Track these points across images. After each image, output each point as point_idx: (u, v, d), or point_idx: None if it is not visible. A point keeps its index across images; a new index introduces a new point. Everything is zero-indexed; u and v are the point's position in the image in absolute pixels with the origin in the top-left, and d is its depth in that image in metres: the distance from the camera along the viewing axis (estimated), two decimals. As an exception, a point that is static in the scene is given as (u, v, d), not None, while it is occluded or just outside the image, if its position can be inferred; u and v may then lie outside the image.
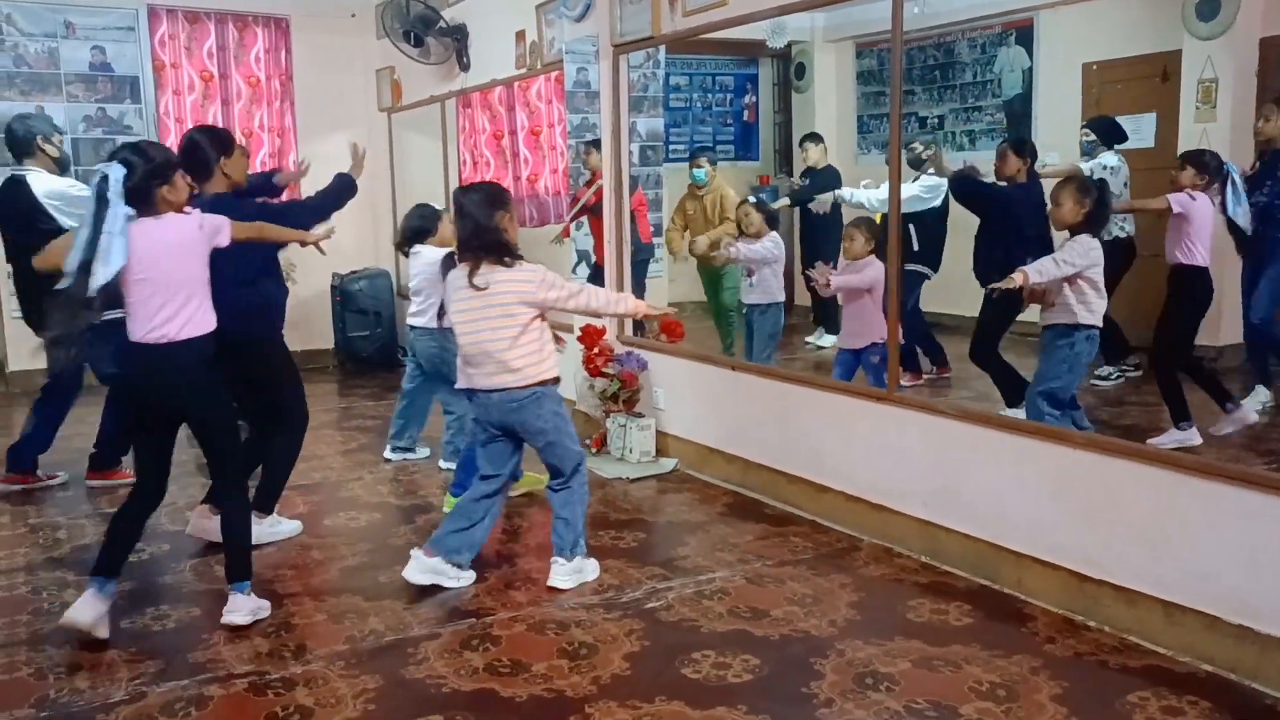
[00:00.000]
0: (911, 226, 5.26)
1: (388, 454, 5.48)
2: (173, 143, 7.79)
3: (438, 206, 5.25)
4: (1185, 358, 4.49)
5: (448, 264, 3.62)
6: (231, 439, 3.53)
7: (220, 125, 7.83)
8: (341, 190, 4.45)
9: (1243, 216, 4.41)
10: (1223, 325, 5.07)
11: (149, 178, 3.23)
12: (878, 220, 5.11)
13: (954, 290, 5.59)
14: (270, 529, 4.23)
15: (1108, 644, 3.15)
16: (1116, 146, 5.74)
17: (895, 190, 4.06)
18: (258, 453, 4.22)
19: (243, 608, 3.40)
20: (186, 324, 3.27)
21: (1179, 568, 3.06)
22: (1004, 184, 4.94)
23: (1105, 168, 5.58)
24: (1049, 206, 4.08)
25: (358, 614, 3.48)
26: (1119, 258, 5.33)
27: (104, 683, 3.01)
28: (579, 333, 5.44)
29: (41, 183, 4.77)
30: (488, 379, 3.57)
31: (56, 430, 5.07)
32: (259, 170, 6.37)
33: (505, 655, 3.15)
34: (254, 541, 3.67)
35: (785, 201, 6.71)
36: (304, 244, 4.06)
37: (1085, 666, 3.02)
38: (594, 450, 5.36)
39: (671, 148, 8.19)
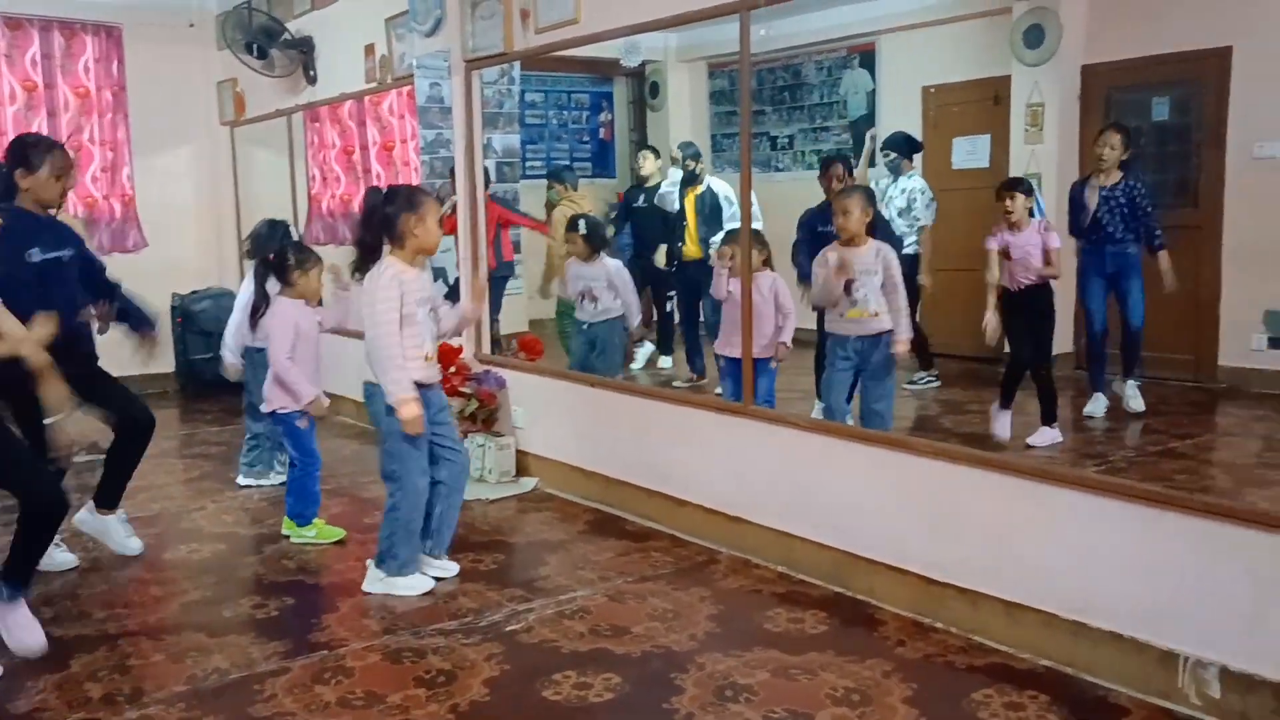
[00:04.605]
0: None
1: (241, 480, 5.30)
2: None
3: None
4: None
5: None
6: None
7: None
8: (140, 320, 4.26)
9: None
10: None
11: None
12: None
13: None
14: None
15: (954, 644, 3.26)
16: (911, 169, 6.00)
17: (745, 206, 4.14)
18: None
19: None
20: None
21: (1018, 568, 3.20)
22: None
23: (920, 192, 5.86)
24: (838, 218, 4.17)
25: (200, 651, 3.31)
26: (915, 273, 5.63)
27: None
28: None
29: None
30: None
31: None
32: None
33: (359, 687, 3.04)
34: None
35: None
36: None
37: (934, 667, 3.11)
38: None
39: (529, 164, 8.17)
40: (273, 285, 4.52)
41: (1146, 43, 5.72)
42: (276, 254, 4.48)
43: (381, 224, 3.63)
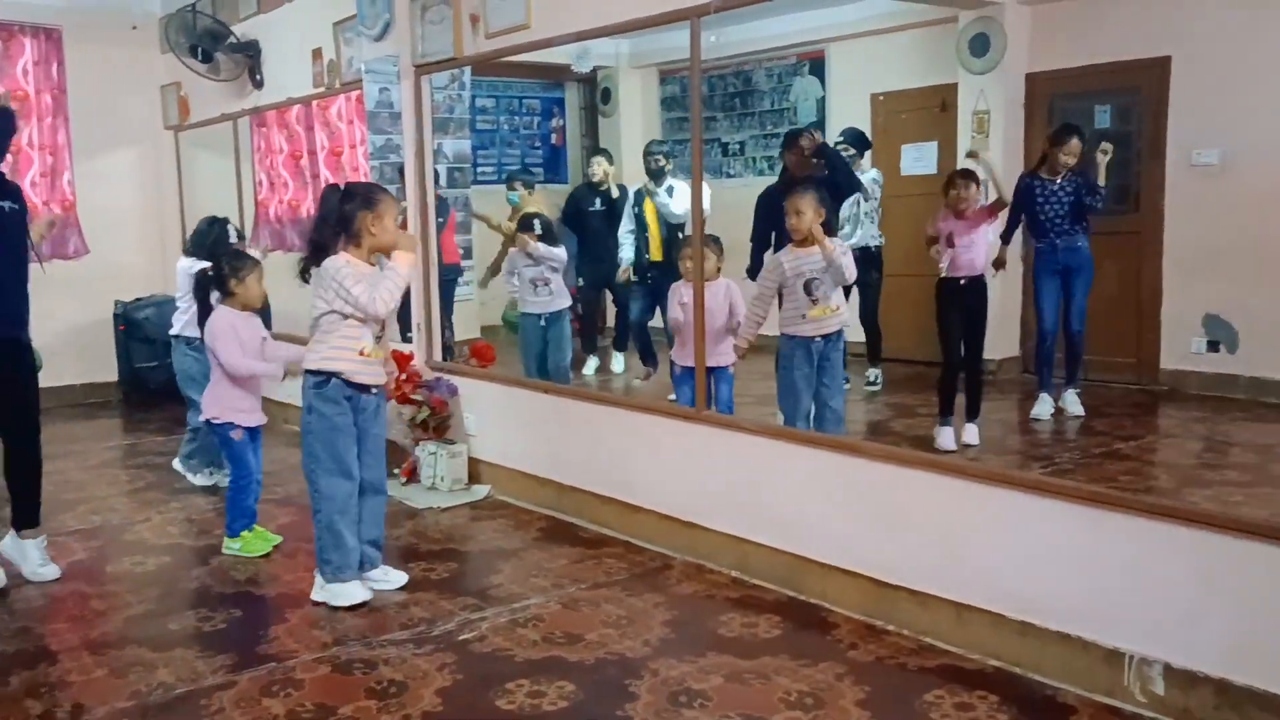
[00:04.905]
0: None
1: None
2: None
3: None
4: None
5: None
6: None
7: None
8: None
9: None
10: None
11: None
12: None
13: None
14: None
15: (906, 646, 3.29)
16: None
17: (697, 212, 4.15)
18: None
19: None
20: None
21: (967, 570, 3.23)
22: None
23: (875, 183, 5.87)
24: (790, 218, 4.14)
25: (144, 666, 3.24)
26: (875, 268, 5.65)
27: None
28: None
29: None
30: None
31: None
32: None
33: (309, 699, 2.99)
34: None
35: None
36: None
37: (886, 670, 3.14)
38: (404, 480, 5.21)
39: (480, 170, 8.12)
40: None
41: (1089, 52, 5.83)
42: (212, 267, 4.47)
43: (338, 222, 3.59)
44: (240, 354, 4.27)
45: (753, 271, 4.79)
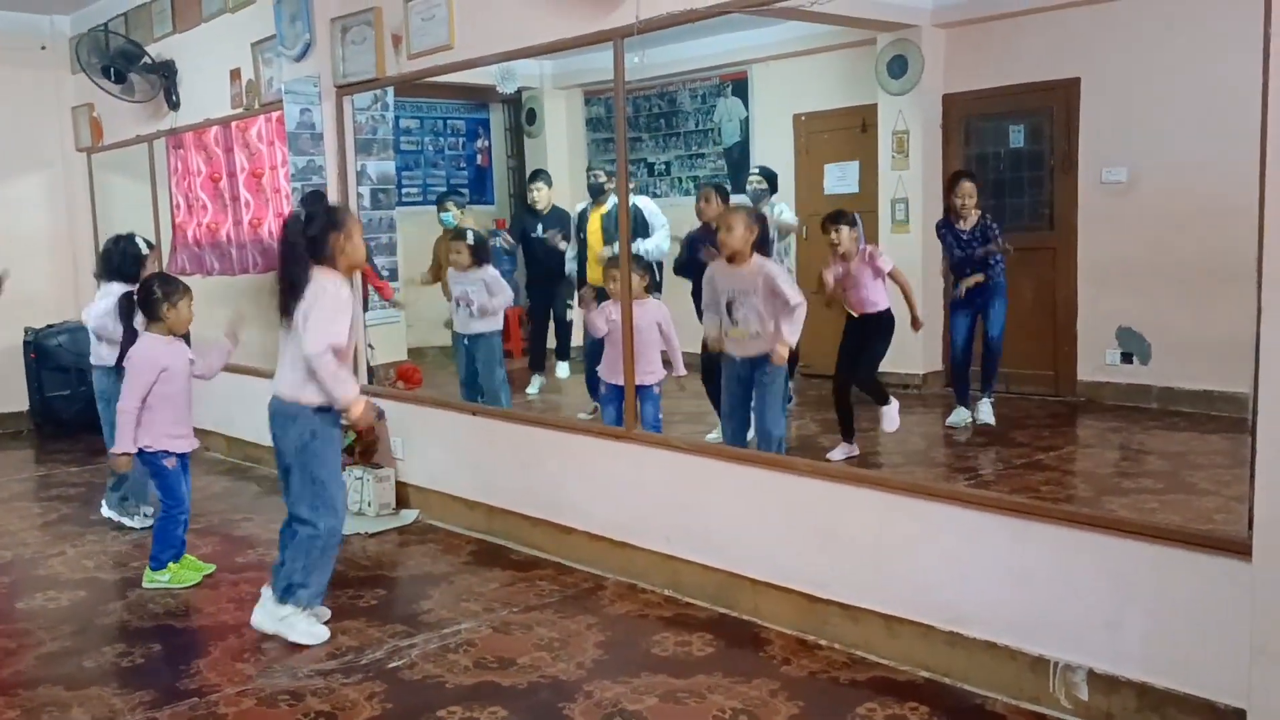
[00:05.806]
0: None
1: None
2: None
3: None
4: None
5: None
6: None
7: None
8: None
9: None
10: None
11: None
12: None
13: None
14: None
15: (838, 660, 3.31)
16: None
17: (624, 232, 4.16)
18: None
19: None
20: None
21: (896, 582, 3.27)
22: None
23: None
24: (721, 233, 4.18)
25: (58, 706, 3.12)
26: None
27: None
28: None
29: None
30: (275, 383, 3.54)
31: None
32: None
33: (232, 735, 2.91)
34: None
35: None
36: None
37: (819, 684, 3.16)
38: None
39: (405, 191, 8.05)
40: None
41: (1002, 73, 6.01)
42: (141, 289, 4.28)
43: (309, 248, 3.42)
44: (141, 394, 4.07)
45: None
